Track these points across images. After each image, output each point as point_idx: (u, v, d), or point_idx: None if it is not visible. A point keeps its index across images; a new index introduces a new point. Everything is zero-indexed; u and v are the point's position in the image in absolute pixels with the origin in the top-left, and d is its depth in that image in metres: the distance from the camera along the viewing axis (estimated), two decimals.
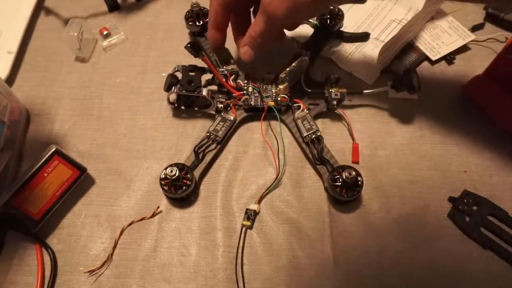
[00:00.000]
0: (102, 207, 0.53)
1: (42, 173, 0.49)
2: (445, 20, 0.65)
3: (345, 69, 0.62)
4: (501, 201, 0.52)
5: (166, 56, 0.64)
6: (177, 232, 0.51)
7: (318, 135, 0.54)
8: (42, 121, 0.59)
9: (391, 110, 0.59)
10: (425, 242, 0.50)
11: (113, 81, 0.62)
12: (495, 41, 0.64)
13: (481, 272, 0.48)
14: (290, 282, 0.48)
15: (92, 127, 0.58)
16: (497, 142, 0.56)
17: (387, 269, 0.48)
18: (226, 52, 0.59)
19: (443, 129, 0.57)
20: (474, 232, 0.50)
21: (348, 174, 0.49)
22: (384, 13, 0.67)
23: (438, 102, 0.59)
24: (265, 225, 0.51)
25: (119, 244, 0.50)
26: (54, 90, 0.61)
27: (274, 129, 0.56)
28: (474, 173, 0.54)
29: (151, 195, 0.53)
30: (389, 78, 0.61)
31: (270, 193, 0.53)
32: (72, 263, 0.49)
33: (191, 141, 0.57)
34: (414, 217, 0.51)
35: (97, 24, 0.67)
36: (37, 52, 0.65)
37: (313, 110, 0.57)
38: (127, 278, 0.48)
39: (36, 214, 0.49)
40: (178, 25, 0.66)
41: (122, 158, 0.56)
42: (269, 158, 0.55)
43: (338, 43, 0.64)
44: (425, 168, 0.54)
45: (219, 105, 0.57)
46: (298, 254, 0.49)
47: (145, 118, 0.59)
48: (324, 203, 0.52)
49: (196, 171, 0.53)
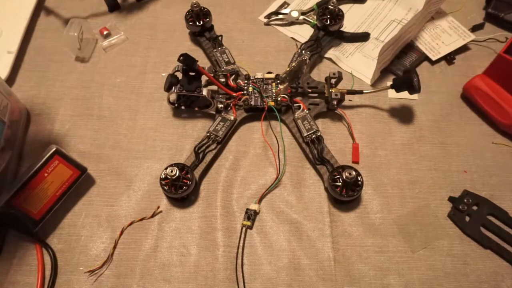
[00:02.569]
0: (102, 207, 0.53)
1: (42, 173, 0.49)
2: (445, 20, 0.65)
3: (345, 69, 0.62)
4: (501, 201, 0.52)
5: (166, 56, 0.64)
6: (177, 232, 0.51)
7: (318, 135, 0.54)
8: (42, 121, 0.59)
9: (391, 110, 0.59)
10: (425, 242, 0.50)
11: (113, 81, 0.62)
12: (495, 41, 0.64)
13: (481, 272, 0.48)
14: (290, 282, 0.48)
15: (92, 127, 0.58)
16: (497, 142, 0.56)
17: (387, 269, 0.48)
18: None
19: (443, 129, 0.57)
20: (474, 232, 0.50)
21: (348, 174, 0.49)
22: (384, 13, 0.67)
23: (438, 102, 0.59)
24: (265, 225, 0.51)
25: (119, 244, 0.50)
26: (54, 90, 0.61)
27: (274, 129, 0.56)
28: (474, 173, 0.54)
29: (151, 195, 0.53)
30: (389, 78, 0.61)
31: (270, 193, 0.53)
32: (72, 263, 0.49)
33: (191, 141, 0.57)
34: (414, 217, 0.51)
35: (97, 24, 0.67)
36: (37, 52, 0.65)
37: (313, 110, 0.57)
38: (127, 278, 0.48)
39: (36, 214, 0.49)
40: (178, 25, 0.66)
41: (122, 158, 0.56)
42: (269, 158, 0.55)
43: (338, 43, 0.64)
44: (425, 168, 0.54)
45: (219, 105, 0.57)
46: (298, 254, 0.49)
47: (145, 118, 0.59)
48: (324, 203, 0.52)
49: (196, 171, 0.53)
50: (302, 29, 0.66)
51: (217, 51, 0.61)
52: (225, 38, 0.63)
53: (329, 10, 0.62)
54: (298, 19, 0.66)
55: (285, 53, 0.63)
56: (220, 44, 0.62)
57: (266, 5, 0.69)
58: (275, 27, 0.67)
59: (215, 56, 0.61)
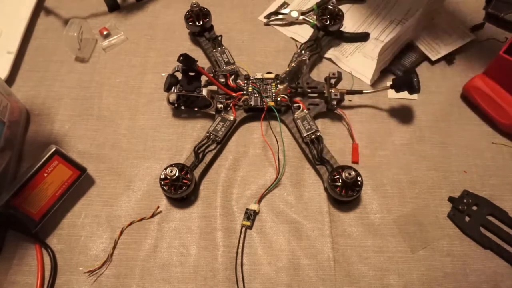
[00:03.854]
0: (102, 207, 0.53)
1: (42, 173, 0.49)
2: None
3: (345, 69, 0.62)
4: (501, 201, 0.52)
5: (166, 56, 0.64)
6: (177, 232, 0.51)
7: (318, 135, 0.54)
8: (42, 121, 0.59)
9: (391, 110, 0.59)
10: (425, 242, 0.50)
11: (113, 81, 0.62)
12: (495, 41, 0.63)
13: (481, 272, 0.48)
14: (290, 282, 0.48)
15: (92, 127, 0.58)
16: (497, 142, 0.56)
17: (387, 269, 0.48)
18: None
19: (443, 129, 0.57)
20: (474, 232, 0.50)
21: (348, 174, 0.48)
22: (384, 13, 0.67)
23: (438, 102, 0.59)
24: (265, 225, 0.51)
25: (119, 244, 0.50)
26: (54, 90, 0.61)
27: (274, 129, 0.56)
28: (474, 173, 0.54)
29: (151, 195, 0.53)
30: (389, 78, 0.61)
31: (270, 193, 0.53)
32: (72, 263, 0.49)
33: (191, 141, 0.57)
34: (414, 217, 0.51)
35: (97, 24, 0.67)
36: (37, 52, 0.65)
37: (313, 110, 0.57)
38: (127, 278, 0.48)
39: (36, 214, 0.49)
40: (178, 25, 0.66)
41: (122, 158, 0.56)
42: (269, 158, 0.55)
43: (338, 43, 0.64)
44: (424, 168, 0.54)
45: (219, 105, 0.57)
46: (298, 254, 0.49)
47: (145, 118, 0.59)
48: (324, 203, 0.52)
49: (196, 171, 0.53)
50: (301, 29, 0.66)
51: (216, 51, 0.61)
52: (225, 38, 0.63)
53: (329, 10, 0.62)
54: (298, 19, 0.66)
55: (285, 53, 0.63)
56: (220, 44, 0.62)
57: (265, 5, 0.69)
58: (274, 27, 0.67)
59: (214, 56, 0.61)
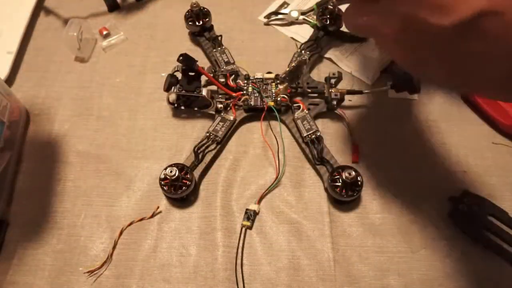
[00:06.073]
0: (102, 207, 0.53)
1: None
2: None
3: (345, 69, 0.62)
4: (501, 201, 0.51)
5: (166, 56, 0.64)
6: (177, 232, 0.51)
7: (318, 135, 0.54)
8: (42, 121, 0.59)
9: (391, 110, 0.59)
10: (425, 242, 0.50)
11: (113, 81, 0.62)
12: None
13: (481, 272, 0.48)
14: (290, 283, 0.48)
15: (91, 127, 0.58)
16: (497, 142, 0.56)
17: (387, 269, 0.48)
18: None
19: (443, 129, 0.57)
20: (475, 232, 0.50)
21: (348, 174, 0.48)
22: None
23: (438, 102, 0.59)
24: (265, 225, 0.51)
25: (118, 244, 0.50)
26: (54, 90, 0.61)
27: (274, 129, 0.56)
28: (474, 173, 0.54)
29: (151, 195, 0.53)
30: (389, 78, 0.61)
31: (270, 193, 0.53)
32: (71, 263, 0.49)
33: (191, 141, 0.57)
34: (414, 217, 0.51)
35: (97, 24, 0.67)
36: (37, 52, 0.65)
37: (313, 110, 0.57)
38: (127, 279, 0.48)
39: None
40: (178, 25, 0.66)
41: (122, 158, 0.56)
42: (269, 158, 0.55)
43: (338, 43, 0.64)
44: (425, 168, 0.54)
45: (218, 105, 0.57)
46: (298, 254, 0.49)
47: (145, 118, 0.59)
48: (324, 203, 0.52)
49: (196, 171, 0.53)
50: (302, 29, 0.66)
51: (216, 51, 0.61)
52: (225, 38, 0.63)
53: (329, 10, 0.62)
54: (298, 19, 0.66)
55: (285, 53, 0.63)
56: (220, 44, 0.62)
57: (265, 5, 0.69)
58: (274, 27, 0.67)
59: (214, 56, 0.61)
